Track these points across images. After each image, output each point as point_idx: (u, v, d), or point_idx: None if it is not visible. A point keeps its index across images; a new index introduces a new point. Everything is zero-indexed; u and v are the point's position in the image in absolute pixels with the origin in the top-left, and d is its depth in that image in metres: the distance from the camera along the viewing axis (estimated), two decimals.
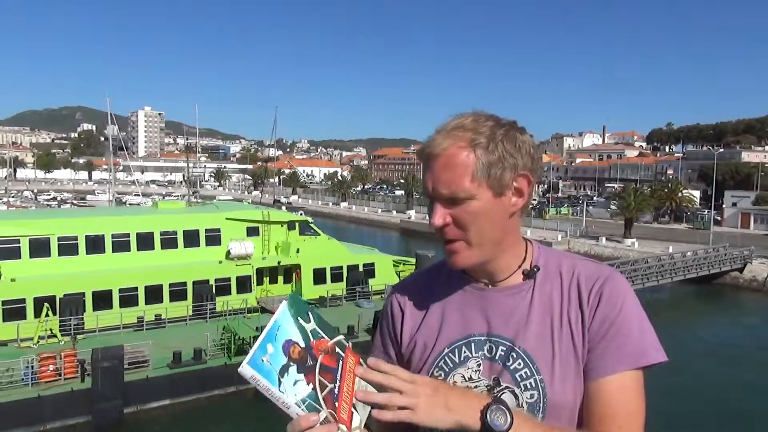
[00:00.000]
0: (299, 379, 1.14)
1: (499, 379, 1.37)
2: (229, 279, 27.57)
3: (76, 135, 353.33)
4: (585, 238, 55.11)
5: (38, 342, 21.68)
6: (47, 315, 21.99)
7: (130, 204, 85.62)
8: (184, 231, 27.87)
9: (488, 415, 1.16)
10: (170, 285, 25.98)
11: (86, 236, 25.47)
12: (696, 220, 62.94)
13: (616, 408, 1.29)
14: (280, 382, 1.12)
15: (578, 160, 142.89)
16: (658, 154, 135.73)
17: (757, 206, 67.19)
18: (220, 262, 27.87)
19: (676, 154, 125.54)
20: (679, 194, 65.92)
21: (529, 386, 1.34)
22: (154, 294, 25.54)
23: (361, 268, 31.17)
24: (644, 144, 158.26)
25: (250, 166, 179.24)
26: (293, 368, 1.15)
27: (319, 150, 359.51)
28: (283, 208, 47.76)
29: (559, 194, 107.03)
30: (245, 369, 1.09)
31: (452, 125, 1.34)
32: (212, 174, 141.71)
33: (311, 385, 1.16)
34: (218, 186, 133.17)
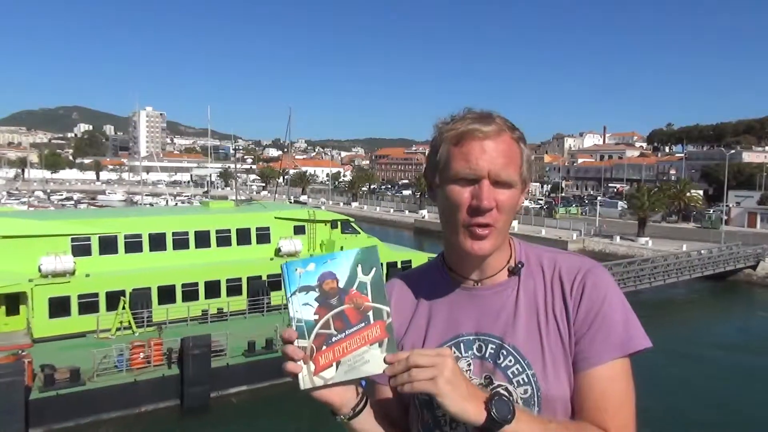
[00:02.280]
0: (310, 304, 1.23)
1: (491, 378, 1.39)
2: (280, 275, 28.92)
3: (73, 135, 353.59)
4: (599, 237, 56.75)
5: (115, 333, 23.09)
6: (123, 308, 23.37)
7: (141, 204, 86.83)
8: (237, 229, 29.30)
9: (493, 406, 1.19)
10: (227, 281, 27.38)
11: (149, 234, 26.84)
12: (704, 220, 64.61)
13: (607, 397, 1.33)
14: (294, 293, 1.23)
15: (580, 161, 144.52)
16: (658, 155, 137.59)
17: (763, 206, 68.89)
18: (271, 259, 29.27)
19: (677, 155, 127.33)
20: (688, 194, 67.56)
21: (522, 382, 1.36)
22: (212, 289, 26.92)
23: (399, 265, 32.58)
24: (644, 144, 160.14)
25: (254, 166, 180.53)
26: (313, 294, 1.23)
27: (317, 150, 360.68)
28: (323, 207, 49.22)
29: (562, 194, 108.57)
30: (282, 266, 1.26)
31: (486, 114, 1.39)
32: (219, 174, 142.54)
33: (317, 317, 1.23)
34: (225, 186, 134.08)
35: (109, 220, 27.22)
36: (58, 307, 23.43)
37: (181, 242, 27.61)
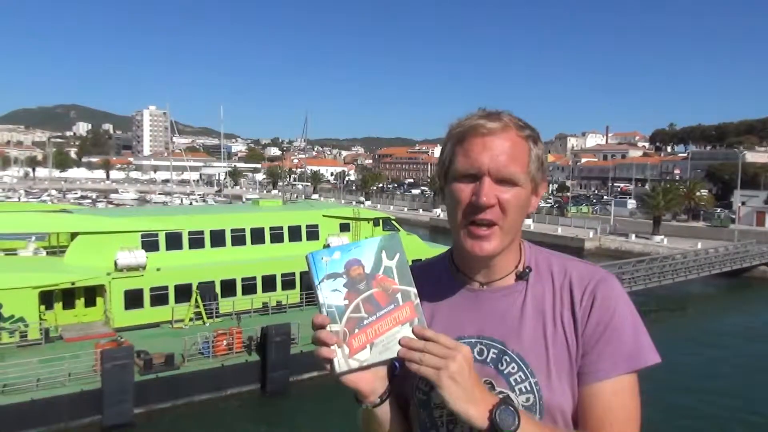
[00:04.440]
0: (339, 290, 1.26)
1: (492, 383, 1.37)
2: None
3: (72, 133, 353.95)
4: (614, 234, 58.43)
5: (188, 323, 24.60)
6: (195, 300, 24.89)
7: (155, 203, 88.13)
8: (288, 227, 30.80)
9: (497, 415, 1.18)
10: (282, 275, 28.88)
11: (211, 231, 28.34)
12: (713, 218, 66.32)
13: (614, 412, 1.31)
14: (322, 281, 1.26)
15: (583, 160, 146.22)
16: (661, 154, 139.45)
17: None
18: None
19: (680, 155, 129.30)
20: (697, 193, 69.31)
21: (524, 390, 1.34)
22: (269, 283, 28.44)
23: None
24: (647, 144, 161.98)
25: (259, 165, 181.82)
26: (341, 280, 1.26)
27: (316, 149, 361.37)
28: (362, 205, 50.90)
29: (569, 193, 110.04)
30: (307, 255, 1.28)
31: (494, 113, 1.37)
32: (228, 173, 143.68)
33: (347, 301, 1.26)
34: (234, 185, 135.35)
35: (174, 217, 28.73)
36: (133, 298, 24.95)
37: (238, 239, 29.11)
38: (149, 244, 26.51)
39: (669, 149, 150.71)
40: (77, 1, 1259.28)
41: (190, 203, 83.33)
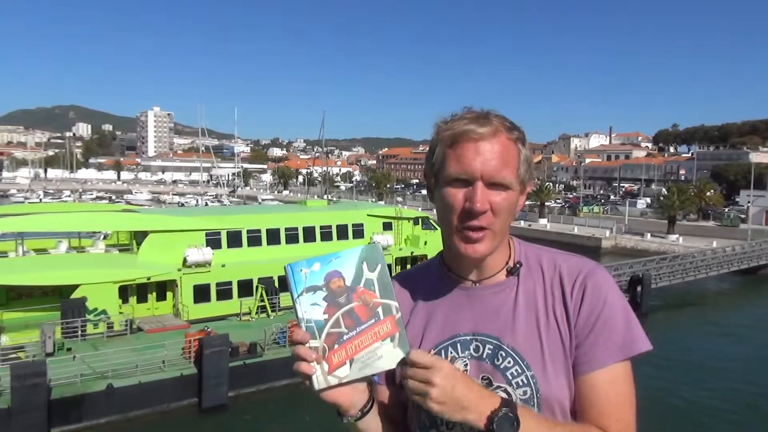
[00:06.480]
0: (318, 304, 1.24)
1: (490, 379, 1.38)
2: None
3: (71, 134, 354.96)
4: (630, 234, 60.08)
5: (254, 317, 26.16)
6: (261, 295, 26.46)
7: (168, 203, 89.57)
8: (336, 225, 32.44)
9: (495, 424, 1.19)
10: None
11: (267, 230, 29.96)
12: (723, 218, 68.04)
13: (611, 401, 1.34)
14: (301, 294, 1.24)
15: (587, 161, 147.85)
16: (665, 155, 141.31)
17: None
18: None
19: (683, 155, 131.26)
20: (708, 194, 71.08)
21: (521, 383, 1.36)
22: None
23: None
24: (650, 144, 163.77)
25: (265, 166, 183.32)
26: (321, 293, 1.24)
27: (315, 149, 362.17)
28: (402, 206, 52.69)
29: (577, 194, 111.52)
30: (286, 267, 1.26)
31: (483, 114, 1.37)
32: (236, 174, 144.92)
33: (326, 316, 1.24)
34: (245, 186, 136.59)
35: (234, 217, 30.47)
36: (201, 293, 26.54)
37: (292, 237, 30.75)
38: (213, 241, 28.11)
39: (672, 150, 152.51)
40: (75, 1, 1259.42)
41: (205, 204, 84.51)
